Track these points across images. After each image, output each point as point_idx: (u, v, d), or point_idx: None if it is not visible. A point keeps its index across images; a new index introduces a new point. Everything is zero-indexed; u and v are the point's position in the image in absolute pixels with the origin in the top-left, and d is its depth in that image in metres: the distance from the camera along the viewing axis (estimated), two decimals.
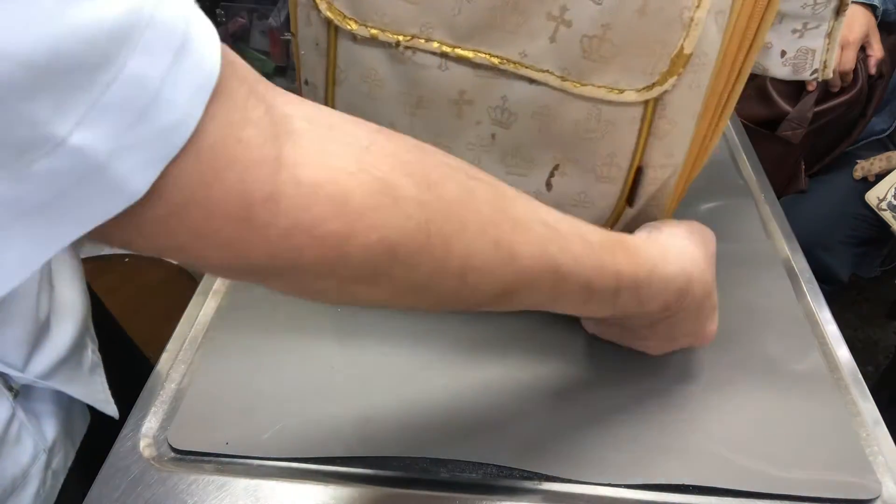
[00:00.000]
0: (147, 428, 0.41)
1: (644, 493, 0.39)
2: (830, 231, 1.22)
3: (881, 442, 0.42)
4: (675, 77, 0.36)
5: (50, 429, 0.46)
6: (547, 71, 0.38)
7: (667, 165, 0.41)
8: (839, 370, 0.46)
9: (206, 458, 0.39)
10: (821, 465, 0.40)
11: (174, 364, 0.45)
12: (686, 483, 0.39)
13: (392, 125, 0.42)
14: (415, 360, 0.45)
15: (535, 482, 0.39)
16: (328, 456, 0.39)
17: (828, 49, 0.58)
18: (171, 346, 0.46)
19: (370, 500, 0.38)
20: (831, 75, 0.59)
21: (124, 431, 0.41)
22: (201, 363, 0.44)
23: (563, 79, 0.38)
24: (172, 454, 0.40)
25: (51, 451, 0.45)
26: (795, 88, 1.16)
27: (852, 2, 0.56)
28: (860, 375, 0.46)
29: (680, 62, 0.36)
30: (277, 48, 1.66)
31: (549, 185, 0.43)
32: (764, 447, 0.41)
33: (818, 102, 1.14)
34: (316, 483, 0.39)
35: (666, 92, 0.37)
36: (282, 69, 1.69)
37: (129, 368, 0.45)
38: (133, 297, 0.99)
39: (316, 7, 0.39)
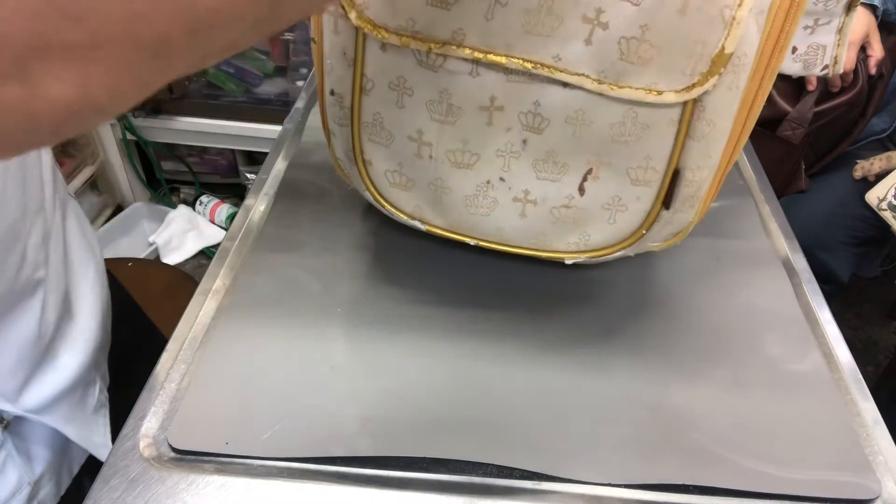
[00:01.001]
0: (147, 428, 0.41)
1: (644, 493, 0.39)
2: (830, 231, 1.22)
3: (881, 442, 0.42)
4: (716, 77, 0.36)
5: (40, 462, 0.44)
6: (582, 74, 0.37)
7: (704, 167, 0.40)
8: (839, 370, 0.46)
9: (205, 458, 0.39)
10: (821, 465, 0.40)
11: (174, 364, 0.45)
12: (686, 483, 0.39)
13: (420, 132, 0.42)
14: (415, 360, 0.45)
15: (535, 482, 0.39)
16: (328, 456, 0.39)
17: (838, 44, 0.58)
18: (171, 346, 0.46)
19: (370, 500, 0.38)
20: (842, 70, 0.59)
21: (124, 431, 0.41)
22: (201, 363, 0.44)
23: (599, 82, 0.37)
24: (172, 454, 0.40)
25: (37, 484, 0.43)
26: (796, 88, 1.16)
27: None
28: (860, 375, 0.46)
29: (721, 62, 0.35)
30: (277, 48, 1.66)
31: (581, 190, 0.43)
32: (764, 447, 0.41)
33: (818, 102, 1.14)
34: (316, 483, 0.39)
35: (706, 93, 0.37)
36: (282, 69, 1.69)
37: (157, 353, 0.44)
38: (137, 301, 1.00)
39: (345, 15, 0.38)
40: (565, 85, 0.38)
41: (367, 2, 0.37)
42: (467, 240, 0.48)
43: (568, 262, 0.47)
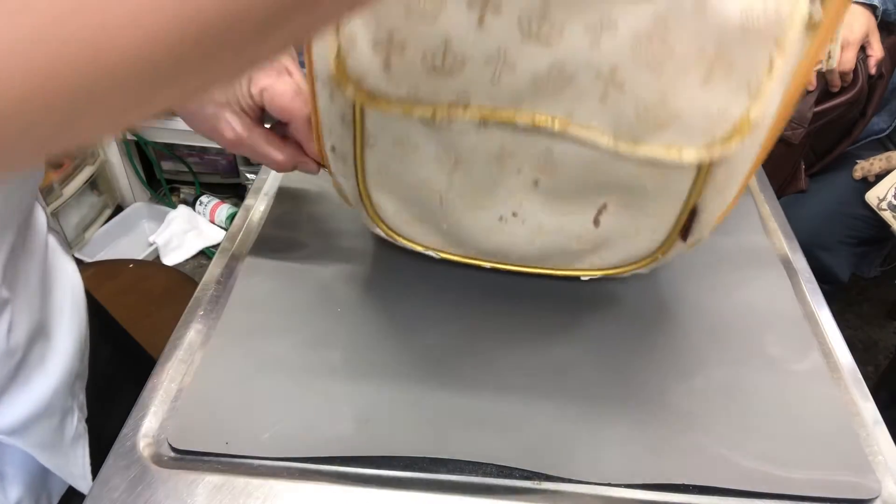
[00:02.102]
0: (147, 427, 0.41)
1: (644, 493, 0.39)
2: (830, 231, 1.22)
3: (881, 442, 0.42)
4: (739, 139, 0.34)
5: (16, 488, 0.43)
6: (597, 130, 0.35)
7: (722, 205, 0.40)
8: (839, 370, 0.46)
9: (206, 458, 0.39)
10: (820, 464, 0.40)
11: (174, 364, 0.45)
12: (686, 483, 0.39)
13: (429, 181, 0.41)
14: (414, 360, 0.45)
15: (535, 482, 0.39)
16: (328, 456, 0.39)
17: (832, 40, 0.58)
18: (171, 346, 0.46)
19: (370, 500, 0.38)
20: (835, 65, 0.59)
21: (124, 431, 0.41)
22: (201, 363, 0.44)
23: (615, 139, 0.35)
24: (172, 454, 0.40)
25: None
26: None
27: (853, 1, 0.56)
28: (860, 375, 0.46)
29: (746, 128, 0.33)
30: None
31: (596, 222, 0.42)
32: (764, 447, 0.41)
33: (818, 102, 1.14)
34: (315, 483, 0.39)
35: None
36: None
37: (139, 373, 0.44)
38: (138, 304, 1.00)
39: (341, 87, 0.36)
40: (579, 141, 0.36)
41: (364, 72, 0.34)
42: (482, 264, 0.48)
43: (584, 279, 0.47)
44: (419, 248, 0.48)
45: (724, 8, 0.30)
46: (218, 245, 0.53)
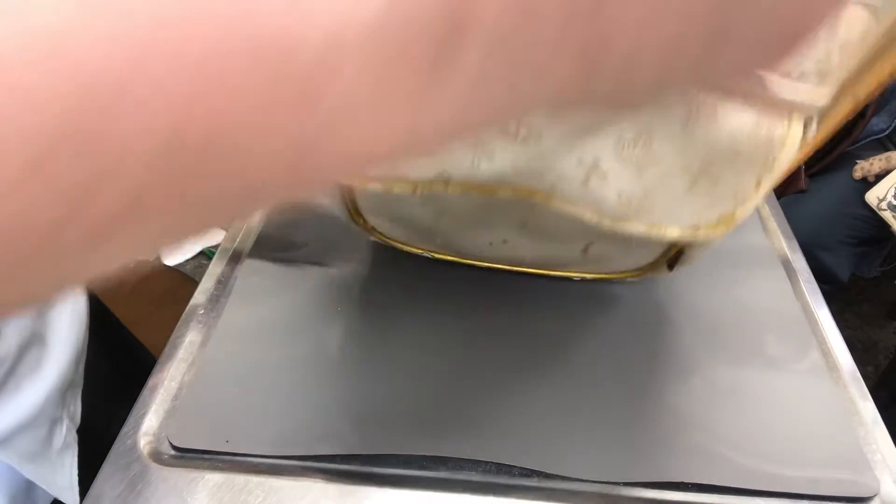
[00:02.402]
0: (148, 426, 0.41)
1: (643, 491, 0.39)
2: (830, 231, 1.22)
3: (879, 441, 0.42)
4: (724, 229, 0.34)
5: None
6: (579, 207, 0.35)
7: (710, 247, 0.40)
8: (838, 370, 0.46)
9: (206, 456, 0.40)
10: (819, 463, 0.40)
11: (175, 363, 0.45)
12: (685, 481, 0.39)
13: (417, 216, 0.42)
14: (413, 359, 0.45)
15: (535, 479, 0.39)
16: (328, 454, 0.40)
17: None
18: (172, 344, 0.46)
19: (369, 498, 0.38)
20: None
21: (125, 429, 0.41)
22: (202, 362, 0.45)
23: (598, 217, 0.35)
24: (173, 452, 0.40)
25: None
26: None
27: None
28: (859, 375, 0.46)
29: (731, 222, 0.33)
30: None
31: (585, 251, 0.44)
32: (763, 445, 0.41)
33: None
34: (315, 481, 0.39)
35: None
36: None
37: (140, 374, 0.44)
38: (138, 304, 1.00)
39: None
40: (561, 212, 0.36)
41: None
42: (477, 263, 0.49)
43: (575, 279, 0.49)
44: (416, 251, 0.48)
45: (713, 131, 0.29)
46: (218, 245, 0.54)
